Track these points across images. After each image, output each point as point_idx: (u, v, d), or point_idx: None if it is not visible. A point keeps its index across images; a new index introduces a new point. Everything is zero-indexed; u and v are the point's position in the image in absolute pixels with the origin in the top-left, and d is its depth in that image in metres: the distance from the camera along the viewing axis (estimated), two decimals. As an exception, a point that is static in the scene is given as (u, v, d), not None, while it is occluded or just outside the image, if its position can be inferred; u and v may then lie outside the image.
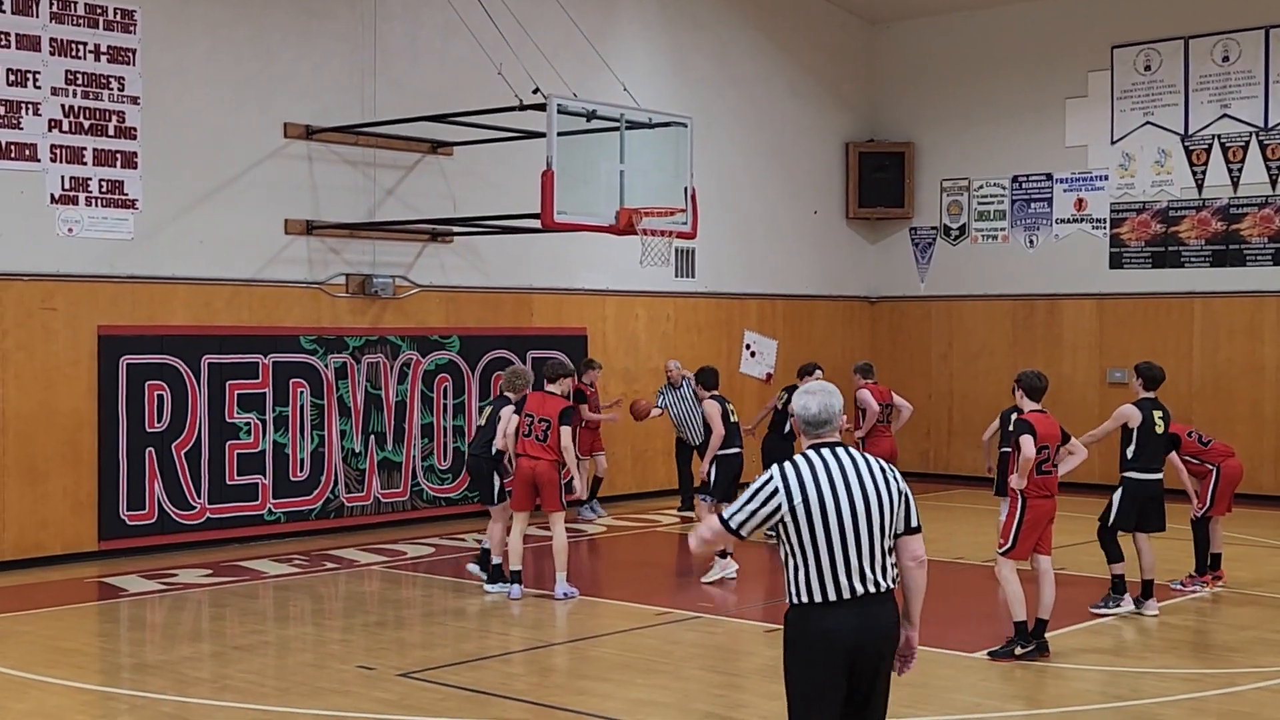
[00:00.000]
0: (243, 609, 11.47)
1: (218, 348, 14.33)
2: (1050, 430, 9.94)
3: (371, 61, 15.51)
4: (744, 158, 19.90)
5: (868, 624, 5.25)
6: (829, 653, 5.23)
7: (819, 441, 5.35)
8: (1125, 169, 19.46)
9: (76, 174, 13.45)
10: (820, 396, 5.36)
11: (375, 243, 15.64)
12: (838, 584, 5.22)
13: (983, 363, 20.40)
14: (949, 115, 21.04)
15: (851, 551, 5.21)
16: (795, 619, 5.33)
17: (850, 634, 5.23)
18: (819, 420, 5.34)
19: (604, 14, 17.77)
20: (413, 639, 10.42)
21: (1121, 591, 11.04)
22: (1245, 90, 18.50)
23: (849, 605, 5.23)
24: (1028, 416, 9.97)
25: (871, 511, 5.23)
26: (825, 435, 5.35)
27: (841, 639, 5.23)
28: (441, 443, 16.17)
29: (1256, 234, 18.40)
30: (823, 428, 5.35)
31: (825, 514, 5.20)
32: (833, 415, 5.34)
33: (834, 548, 5.21)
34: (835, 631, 5.22)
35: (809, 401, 5.36)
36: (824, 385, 5.41)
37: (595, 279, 17.79)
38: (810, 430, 5.37)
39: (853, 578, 5.22)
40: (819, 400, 5.35)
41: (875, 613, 5.26)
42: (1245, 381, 18.46)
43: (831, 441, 5.35)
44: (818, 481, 5.23)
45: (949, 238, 21.17)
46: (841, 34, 21.43)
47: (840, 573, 5.21)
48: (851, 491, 5.23)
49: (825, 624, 5.24)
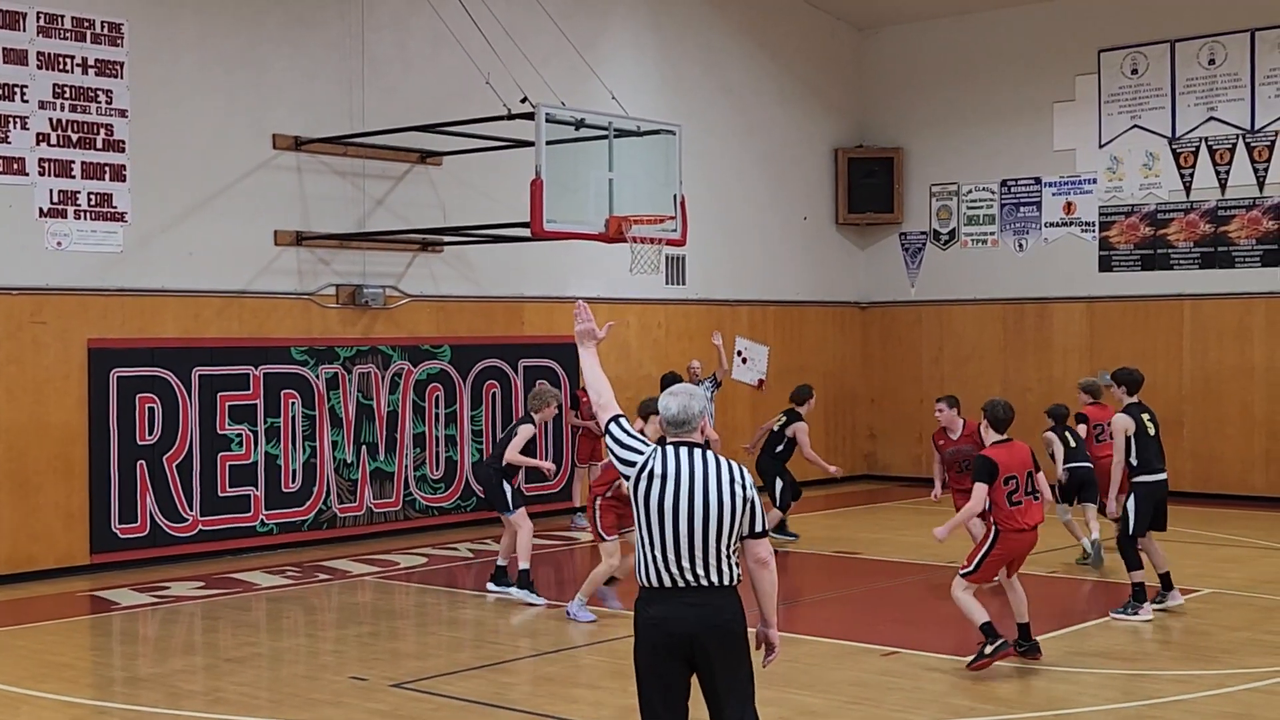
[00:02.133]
0: (235, 621, 11.45)
1: (208, 359, 14.33)
2: (1017, 459, 9.50)
3: (360, 72, 15.52)
4: (733, 164, 19.93)
5: (699, 615, 5.53)
6: (657, 638, 5.58)
7: (678, 440, 5.70)
8: (1113, 172, 19.51)
9: (65, 187, 13.44)
10: (680, 398, 5.72)
11: (365, 253, 15.65)
12: (670, 573, 5.54)
13: (973, 366, 20.43)
14: (937, 120, 21.09)
15: (684, 545, 5.52)
16: (637, 604, 5.71)
17: (677, 623, 5.54)
18: (678, 420, 5.69)
19: (592, 22, 17.80)
20: (406, 649, 10.42)
21: (1142, 600, 10.98)
22: (1232, 93, 18.56)
23: (678, 595, 5.54)
24: (990, 452, 9.53)
25: (711, 512, 5.52)
26: (684, 435, 5.70)
27: (668, 626, 5.55)
28: (433, 452, 16.16)
29: (1244, 236, 18.45)
30: (681, 427, 5.70)
31: (663, 504, 5.55)
32: (691, 417, 5.67)
33: (666, 538, 5.54)
34: (663, 619, 5.56)
35: (670, 402, 5.73)
36: (687, 388, 5.79)
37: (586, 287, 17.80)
38: (670, 429, 5.72)
39: (684, 570, 5.53)
40: (679, 402, 5.71)
41: (706, 605, 5.54)
42: (1235, 383, 18.50)
43: (690, 441, 5.69)
44: (665, 473, 5.58)
45: (938, 242, 21.21)
46: (830, 40, 21.47)
47: (672, 563, 5.54)
48: (694, 490, 5.54)
49: (654, 610, 5.59)
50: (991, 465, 9.41)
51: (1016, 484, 9.41)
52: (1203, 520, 16.54)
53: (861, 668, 9.61)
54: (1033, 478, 9.53)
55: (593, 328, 6.11)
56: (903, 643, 10.26)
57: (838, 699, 8.72)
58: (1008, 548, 9.43)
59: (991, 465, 9.41)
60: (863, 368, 21.62)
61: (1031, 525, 9.46)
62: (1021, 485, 9.43)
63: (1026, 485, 9.46)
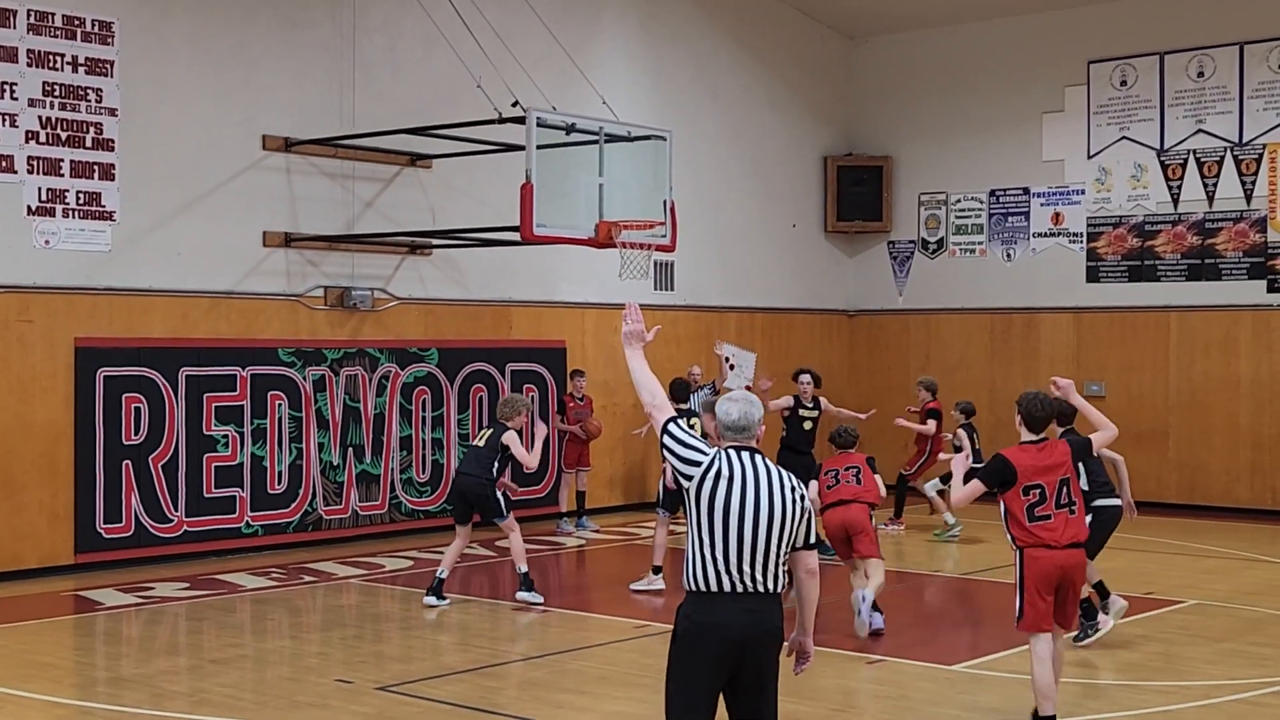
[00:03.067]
0: (220, 622, 11.42)
1: (195, 360, 14.29)
2: (1047, 463, 7.78)
3: (351, 74, 15.50)
4: (723, 171, 19.95)
5: (752, 621, 5.50)
6: (710, 643, 5.49)
7: (737, 444, 5.66)
8: (1102, 183, 19.57)
9: (53, 185, 13.40)
10: (741, 405, 5.68)
11: (354, 255, 15.62)
12: (729, 577, 5.49)
13: (960, 376, 20.45)
14: (927, 129, 21.14)
15: (746, 550, 5.49)
16: (682, 608, 5.61)
17: (735, 629, 5.49)
18: (739, 425, 5.66)
19: (584, 27, 17.80)
20: (391, 652, 10.39)
21: (1093, 616, 10.92)
22: (1220, 105, 18.63)
23: (735, 600, 5.50)
24: (1010, 452, 7.84)
25: (774, 518, 5.51)
26: (743, 440, 5.67)
27: (726, 631, 5.48)
28: (420, 455, 16.14)
29: (1232, 248, 18.51)
30: (742, 433, 5.67)
31: (728, 506, 5.51)
32: (751, 423, 5.66)
33: (730, 541, 5.49)
34: (716, 624, 5.49)
35: (731, 408, 5.68)
36: (746, 395, 5.73)
37: (575, 291, 17.81)
38: (730, 434, 5.67)
39: (743, 575, 5.49)
40: (739, 408, 5.68)
41: (759, 611, 5.51)
42: (1221, 395, 18.56)
43: (750, 447, 5.67)
44: (731, 475, 5.54)
45: (927, 251, 21.25)
46: (820, 48, 21.51)
47: (733, 566, 5.49)
48: (759, 495, 5.53)
49: (706, 615, 5.51)
50: (1006, 468, 7.76)
51: (1042, 494, 7.72)
52: (1187, 532, 16.58)
53: (847, 676, 9.61)
54: (1068, 486, 7.80)
55: (641, 329, 6.00)
56: (889, 651, 10.27)
57: (823, 707, 8.72)
58: (1036, 570, 7.70)
59: (1006, 468, 7.76)
60: (850, 375, 21.64)
61: (1063, 542, 7.70)
62: (1050, 496, 7.73)
63: (1058, 496, 7.74)
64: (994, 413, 20.09)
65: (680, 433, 5.66)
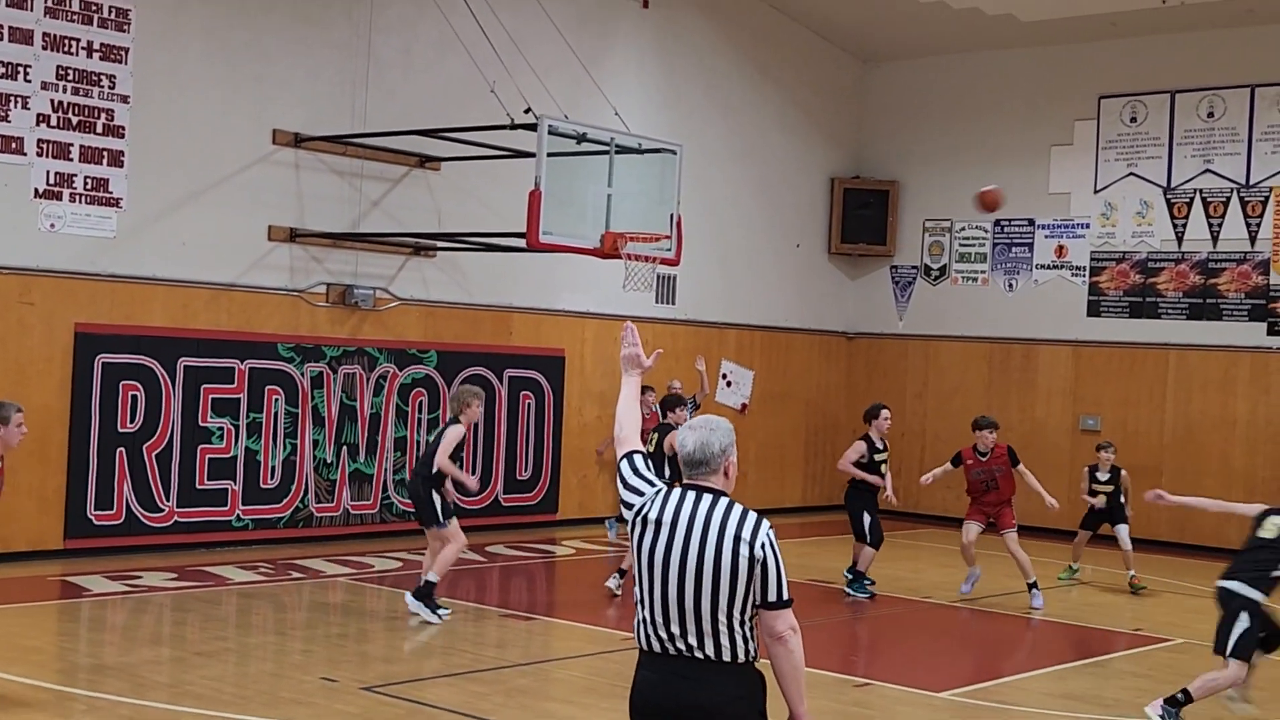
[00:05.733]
0: (206, 615, 11.39)
1: (194, 350, 14.27)
2: None
3: (364, 72, 15.52)
4: (730, 187, 19.97)
5: (677, 690, 4.70)
6: (642, 710, 4.80)
7: (690, 483, 4.83)
8: (1107, 218, 19.59)
9: (62, 169, 13.40)
10: (699, 433, 4.82)
11: (358, 253, 15.62)
12: (659, 637, 4.75)
13: (957, 403, 20.45)
14: (935, 156, 21.16)
15: (674, 607, 4.70)
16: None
17: (656, 695, 4.74)
18: (693, 459, 4.80)
19: (599, 37, 17.83)
20: (376, 652, 10.36)
21: None
22: (1228, 146, 18.67)
23: (665, 663, 4.74)
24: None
25: (703, 571, 4.65)
26: (700, 476, 4.80)
27: (654, 697, 4.75)
28: (414, 457, 16.10)
29: (1234, 289, 18.53)
30: (697, 468, 4.80)
31: (653, 555, 4.74)
32: (709, 456, 4.78)
33: (656, 597, 4.73)
34: (649, 689, 4.77)
35: (686, 437, 4.83)
36: (709, 420, 4.87)
37: (576, 301, 17.80)
38: (686, 470, 4.86)
39: (674, 636, 4.71)
40: (696, 437, 4.81)
41: (688, 679, 4.69)
42: (1216, 435, 18.56)
43: (702, 485, 4.80)
44: (661, 519, 4.75)
45: (929, 277, 21.27)
46: (833, 70, 21.54)
47: (660, 626, 4.74)
48: (689, 543, 4.69)
49: (641, 677, 4.83)
50: None
51: None
52: (1177, 570, 16.57)
53: (835, 698, 9.58)
54: None
55: (639, 353, 5.23)
56: (877, 675, 10.25)
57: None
58: None
59: None
60: (847, 398, 21.64)
61: None
62: None
63: None
64: (989, 442, 20.09)
65: (628, 470, 4.93)
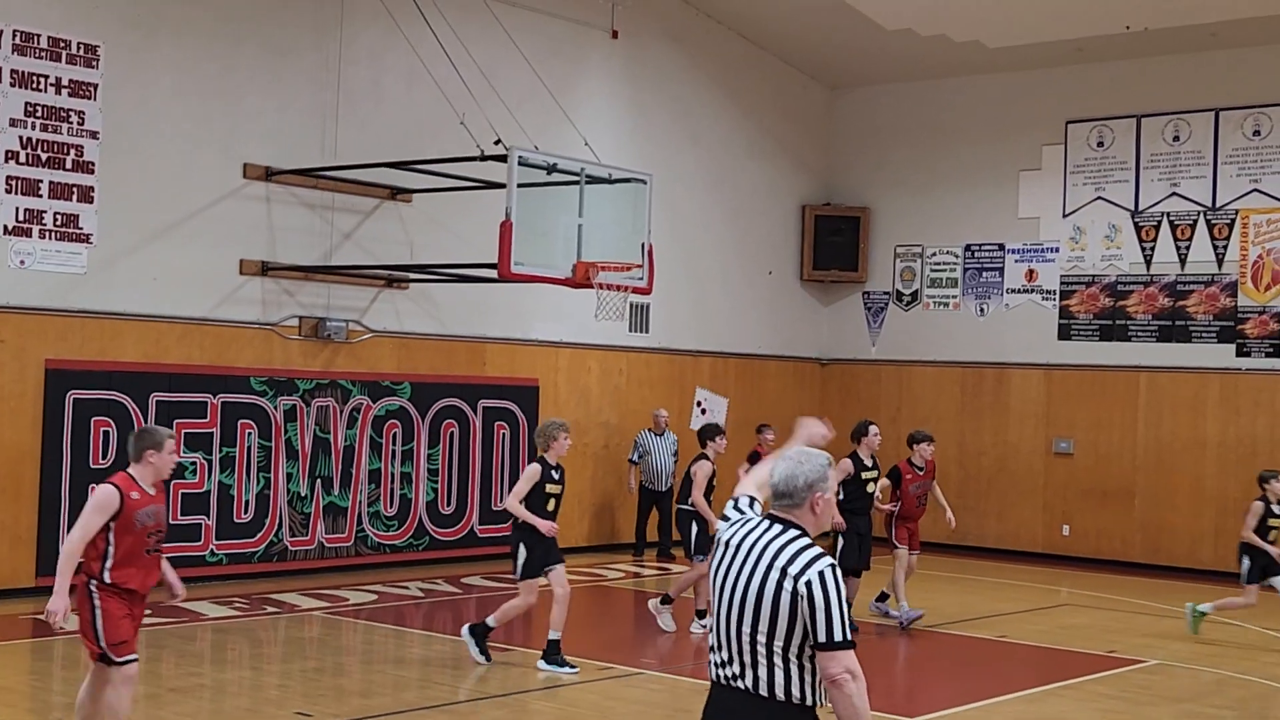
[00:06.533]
0: (180, 651, 11.33)
1: (166, 385, 14.23)
2: None
3: (334, 105, 15.55)
4: (701, 216, 20.05)
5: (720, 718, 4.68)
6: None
7: (771, 513, 4.77)
8: (1076, 242, 19.74)
9: (31, 206, 13.37)
10: (787, 464, 4.75)
11: (330, 286, 15.62)
12: (714, 662, 4.74)
13: (930, 428, 20.35)
14: (905, 182, 21.30)
15: (723, 633, 4.66)
16: None
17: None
18: (779, 490, 4.73)
19: (568, 68, 17.90)
20: (351, 687, 10.33)
21: None
22: (1194, 170, 18.84)
23: (719, 692, 4.71)
24: None
25: (746, 601, 4.60)
26: (785, 509, 4.72)
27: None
28: (388, 489, 16.08)
29: (1202, 311, 18.68)
30: (781, 499, 4.73)
31: (717, 575, 4.74)
32: (794, 489, 4.69)
33: (715, 618, 4.71)
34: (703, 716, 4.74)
35: (776, 468, 4.78)
36: (801, 452, 4.80)
37: (549, 330, 17.83)
38: (773, 501, 4.77)
39: (723, 663, 4.68)
40: (783, 468, 4.75)
41: (728, 709, 4.65)
42: (1187, 456, 18.67)
43: (777, 515, 4.73)
44: (730, 542, 4.76)
45: (901, 303, 21.37)
46: (802, 98, 21.68)
47: (714, 650, 4.73)
48: (743, 569, 4.65)
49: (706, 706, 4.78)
50: None
51: None
52: (1150, 591, 16.65)
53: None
54: None
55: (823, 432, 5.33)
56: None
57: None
58: None
59: None
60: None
61: None
62: None
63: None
64: (963, 466, 20.20)
65: (729, 504, 4.96)
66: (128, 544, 7.30)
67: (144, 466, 7.43)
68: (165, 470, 7.52)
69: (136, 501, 7.34)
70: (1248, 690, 11.14)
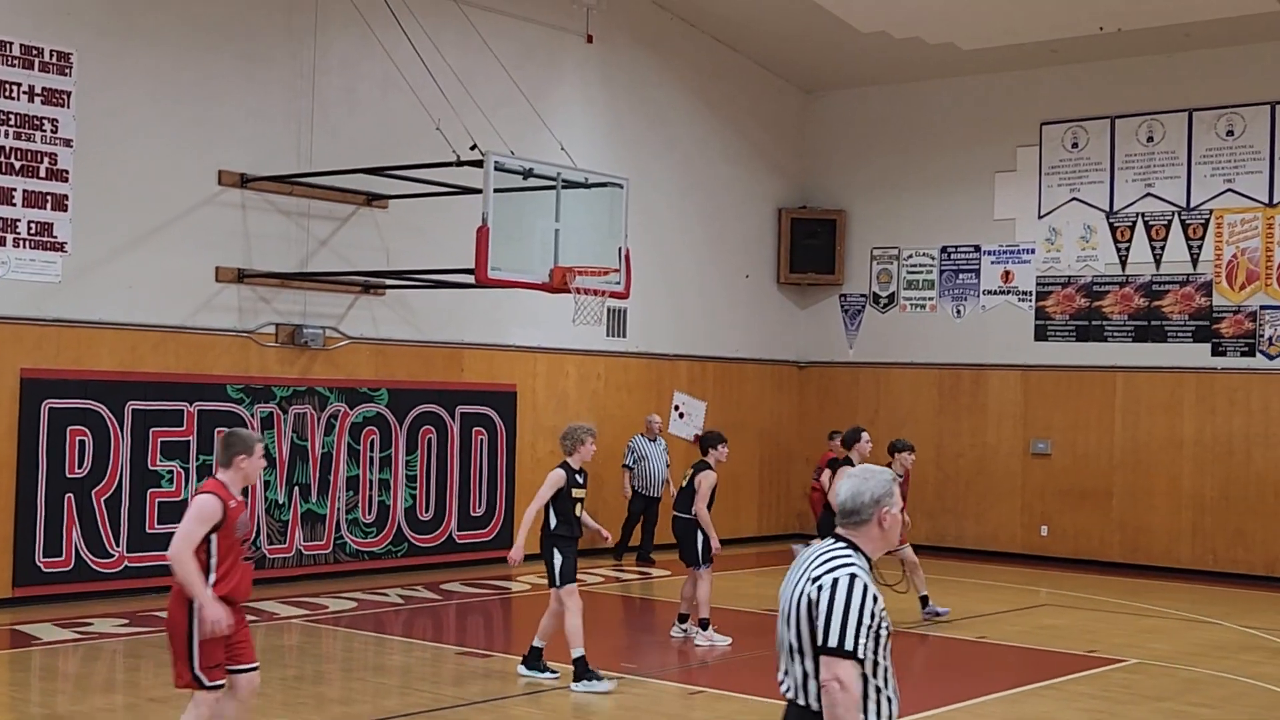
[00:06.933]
0: (159, 660, 11.24)
1: (143, 394, 14.17)
2: None
3: (309, 112, 15.51)
4: (678, 220, 20.06)
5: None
6: None
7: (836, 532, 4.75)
8: (1051, 243, 19.81)
9: (5, 215, 13.30)
10: (853, 482, 4.72)
11: (307, 293, 15.57)
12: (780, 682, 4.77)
13: (909, 430, 20.51)
14: (881, 184, 21.35)
15: (779, 645, 4.75)
16: None
17: None
18: (845, 509, 4.71)
19: (544, 73, 17.90)
20: (332, 694, 10.29)
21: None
22: (1168, 170, 18.94)
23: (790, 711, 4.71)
24: None
25: (789, 609, 4.67)
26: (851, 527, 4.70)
27: None
28: (366, 496, 16.04)
29: (1178, 311, 18.76)
30: (848, 518, 4.70)
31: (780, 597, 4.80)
32: (860, 506, 4.66)
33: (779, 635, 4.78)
34: None
35: (841, 486, 4.73)
36: (865, 469, 4.77)
37: (526, 335, 17.81)
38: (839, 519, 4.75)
39: (780, 679, 4.76)
40: (849, 486, 4.71)
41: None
42: (1164, 456, 18.75)
43: (841, 534, 4.72)
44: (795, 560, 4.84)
45: (878, 305, 21.42)
46: (777, 101, 21.71)
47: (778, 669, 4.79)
48: (789, 583, 4.74)
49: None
50: None
51: None
52: (1129, 591, 16.72)
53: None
54: None
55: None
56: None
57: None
58: None
59: None
60: (799, 427, 21.73)
61: None
62: None
63: None
64: (940, 468, 20.25)
65: None
66: (231, 553, 7.05)
67: (234, 472, 7.17)
68: (254, 476, 7.29)
69: (234, 509, 7.13)
70: (1227, 689, 11.20)
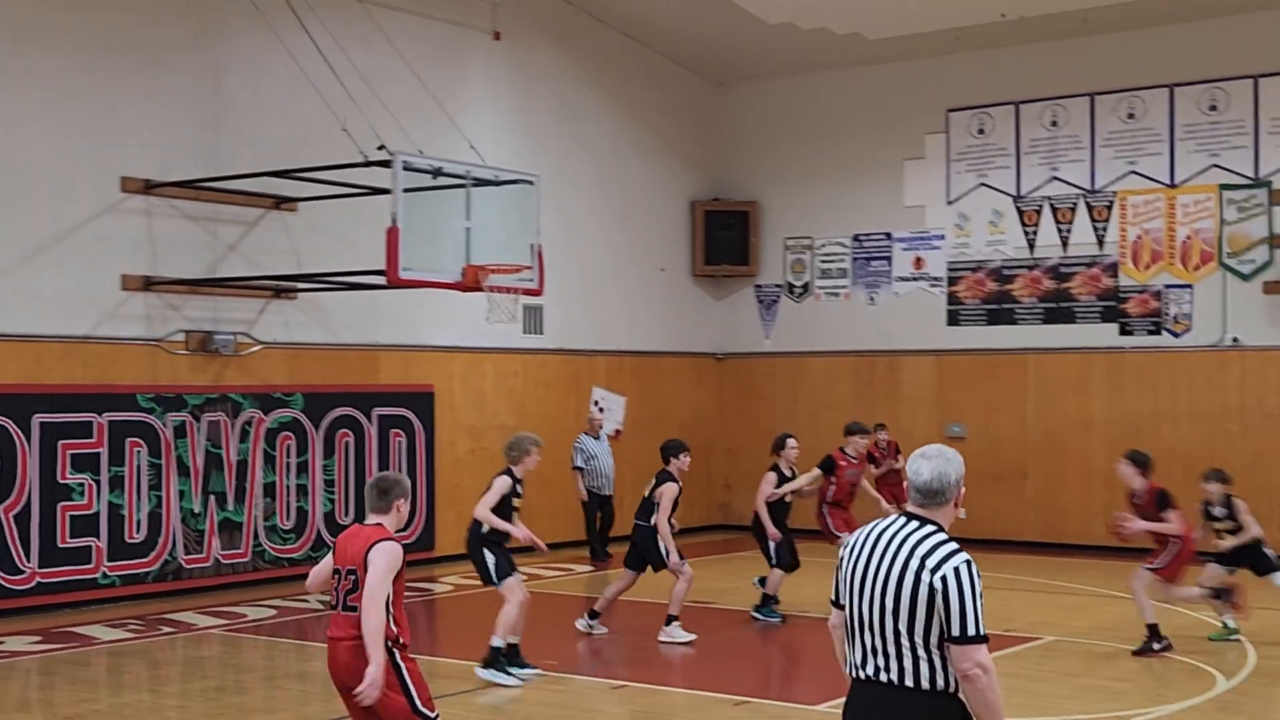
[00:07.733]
0: (73, 677, 11.09)
1: (49, 406, 13.91)
2: None
3: (214, 115, 15.31)
4: (591, 215, 20.04)
5: (862, 713, 4.85)
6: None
7: (909, 510, 4.94)
8: (961, 229, 20.03)
9: (-99, 227, 13.01)
10: (935, 462, 4.91)
11: (217, 299, 15.37)
12: (851, 657, 4.92)
13: (826, 418, 20.67)
14: (792, 175, 21.46)
15: (863, 624, 4.83)
16: None
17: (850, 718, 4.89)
18: (929, 489, 4.88)
19: (451, 72, 17.79)
20: (254, 704, 10.18)
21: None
22: (1073, 154, 19.21)
23: (854, 688, 4.90)
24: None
25: (887, 591, 4.76)
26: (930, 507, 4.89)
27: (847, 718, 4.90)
28: (284, 502, 15.87)
29: (1085, 292, 19.05)
30: (932, 498, 4.89)
31: (852, 575, 4.89)
32: (945, 486, 4.87)
33: (850, 616, 4.90)
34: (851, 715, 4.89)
35: (921, 466, 4.91)
36: (942, 450, 4.97)
37: (442, 335, 17.70)
38: (917, 498, 4.92)
39: (856, 656, 4.87)
40: (932, 466, 4.90)
41: (870, 702, 4.82)
42: (1075, 436, 19.03)
43: (914, 513, 4.90)
44: (860, 540, 4.94)
45: (793, 295, 21.54)
46: (686, 95, 21.75)
47: (854, 645, 4.90)
48: (882, 561, 4.81)
49: (848, 702, 4.95)
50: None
51: None
52: (1046, 569, 16.95)
53: (713, 716, 9.63)
54: None
55: None
56: (755, 692, 10.31)
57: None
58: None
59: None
60: (718, 418, 21.80)
61: None
62: None
63: None
64: (859, 454, 20.38)
65: None
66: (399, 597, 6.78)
67: (394, 516, 6.86)
68: (403, 521, 6.98)
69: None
70: (1141, 663, 11.38)
